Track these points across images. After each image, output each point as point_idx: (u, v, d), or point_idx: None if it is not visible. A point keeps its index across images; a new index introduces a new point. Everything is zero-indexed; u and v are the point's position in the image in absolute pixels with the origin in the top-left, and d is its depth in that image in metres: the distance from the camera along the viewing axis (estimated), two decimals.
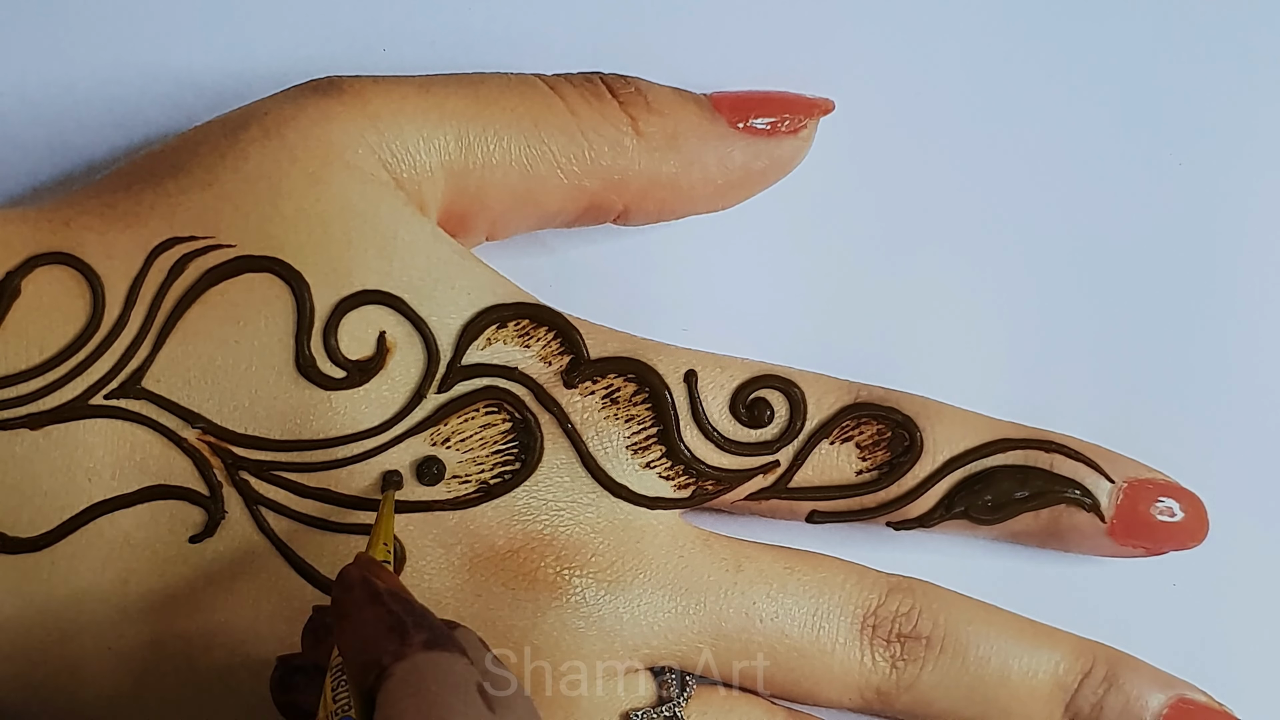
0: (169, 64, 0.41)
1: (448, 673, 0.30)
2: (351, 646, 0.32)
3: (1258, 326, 0.43)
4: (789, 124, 0.40)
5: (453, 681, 0.30)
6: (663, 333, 0.40)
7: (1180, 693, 0.40)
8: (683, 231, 0.41)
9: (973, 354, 0.42)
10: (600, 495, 0.38)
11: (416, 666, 0.30)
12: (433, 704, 0.30)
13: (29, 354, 0.36)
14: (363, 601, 0.32)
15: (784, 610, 0.39)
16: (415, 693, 0.30)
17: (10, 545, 0.36)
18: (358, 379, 0.37)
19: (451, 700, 0.30)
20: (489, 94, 0.39)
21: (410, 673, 0.30)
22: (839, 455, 0.40)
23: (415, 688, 0.30)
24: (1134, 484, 0.40)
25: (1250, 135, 0.43)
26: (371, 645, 0.31)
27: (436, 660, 0.31)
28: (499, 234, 0.40)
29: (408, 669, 0.30)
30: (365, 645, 0.31)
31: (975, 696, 0.39)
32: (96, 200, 0.38)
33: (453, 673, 0.30)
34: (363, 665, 0.31)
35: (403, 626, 0.31)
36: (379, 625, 0.31)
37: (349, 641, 0.32)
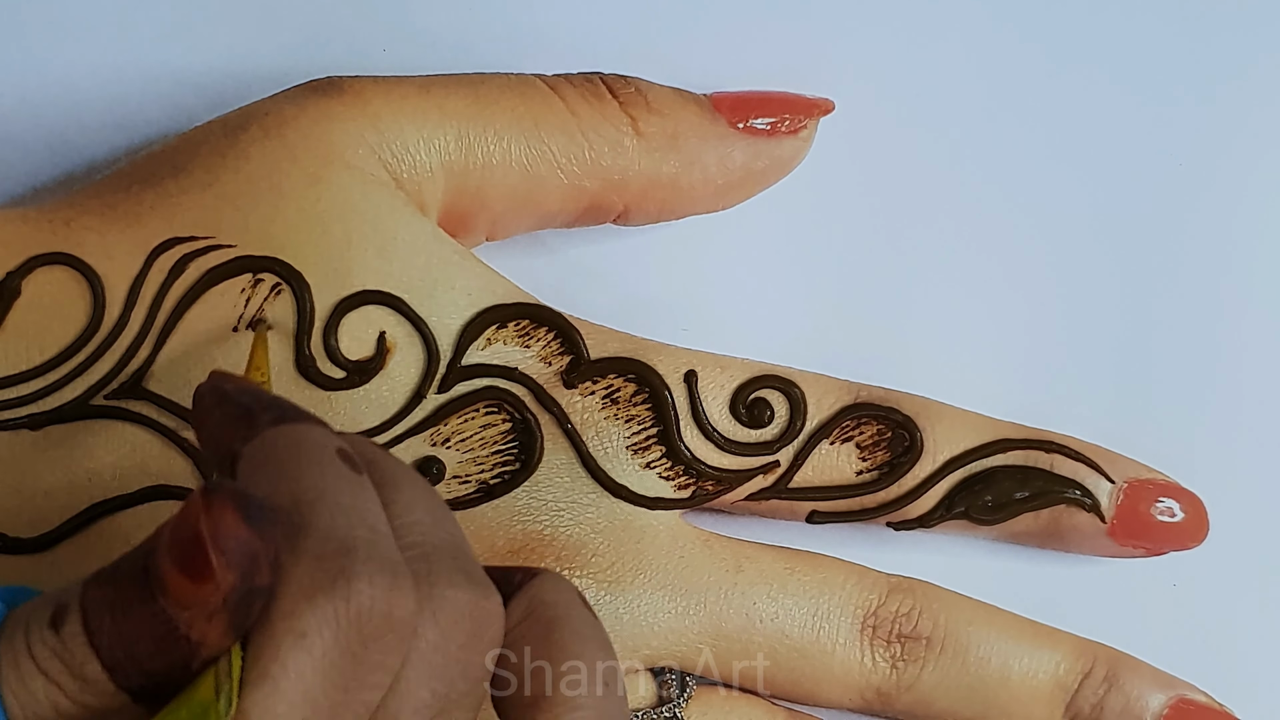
0: (169, 64, 0.41)
1: (299, 440, 0.29)
2: (209, 453, 0.31)
3: (1258, 326, 0.43)
4: (789, 124, 0.40)
5: (306, 447, 0.29)
6: (663, 333, 0.40)
7: (1180, 693, 0.40)
8: (683, 231, 0.41)
9: (973, 354, 0.42)
10: (600, 495, 0.38)
11: (266, 442, 0.29)
12: (284, 470, 0.29)
13: (29, 354, 0.36)
14: (211, 406, 0.31)
15: (784, 610, 0.39)
16: (266, 464, 0.29)
17: (10, 545, 0.36)
18: (358, 379, 0.37)
19: (306, 464, 0.29)
20: (489, 94, 0.39)
21: (260, 448, 0.29)
22: (839, 455, 0.40)
23: (266, 461, 0.29)
24: (1134, 484, 0.40)
25: (1250, 135, 0.43)
26: (223, 440, 0.30)
27: (285, 431, 0.30)
28: (499, 234, 0.40)
29: (256, 447, 0.29)
30: (218, 445, 0.30)
31: (975, 697, 0.39)
32: (97, 200, 0.38)
33: (305, 440, 0.30)
34: (219, 462, 0.30)
35: (250, 413, 0.30)
36: (227, 420, 0.30)
37: (206, 449, 0.31)
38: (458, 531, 0.31)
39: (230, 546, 0.27)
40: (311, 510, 0.28)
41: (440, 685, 0.29)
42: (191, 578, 0.27)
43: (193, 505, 0.27)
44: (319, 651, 0.27)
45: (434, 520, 0.30)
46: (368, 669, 0.28)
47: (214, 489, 0.27)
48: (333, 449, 0.30)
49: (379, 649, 0.28)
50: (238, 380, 0.32)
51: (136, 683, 0.28)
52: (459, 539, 0.31)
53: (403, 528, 0.30)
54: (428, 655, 0.29)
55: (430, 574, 0.29)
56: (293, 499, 0.28)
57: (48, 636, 0.28)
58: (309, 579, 0.27)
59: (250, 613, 0.27)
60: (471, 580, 0.30)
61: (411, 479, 0.31)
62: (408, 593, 0.28)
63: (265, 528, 0.27)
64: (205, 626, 0.27)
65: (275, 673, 0.27)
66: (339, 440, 0.30)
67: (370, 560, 0.28)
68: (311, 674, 0.27)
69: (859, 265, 0.42)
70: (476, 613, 0.30)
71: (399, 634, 0.28)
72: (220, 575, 0.27)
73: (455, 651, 0.29)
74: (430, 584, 0.29)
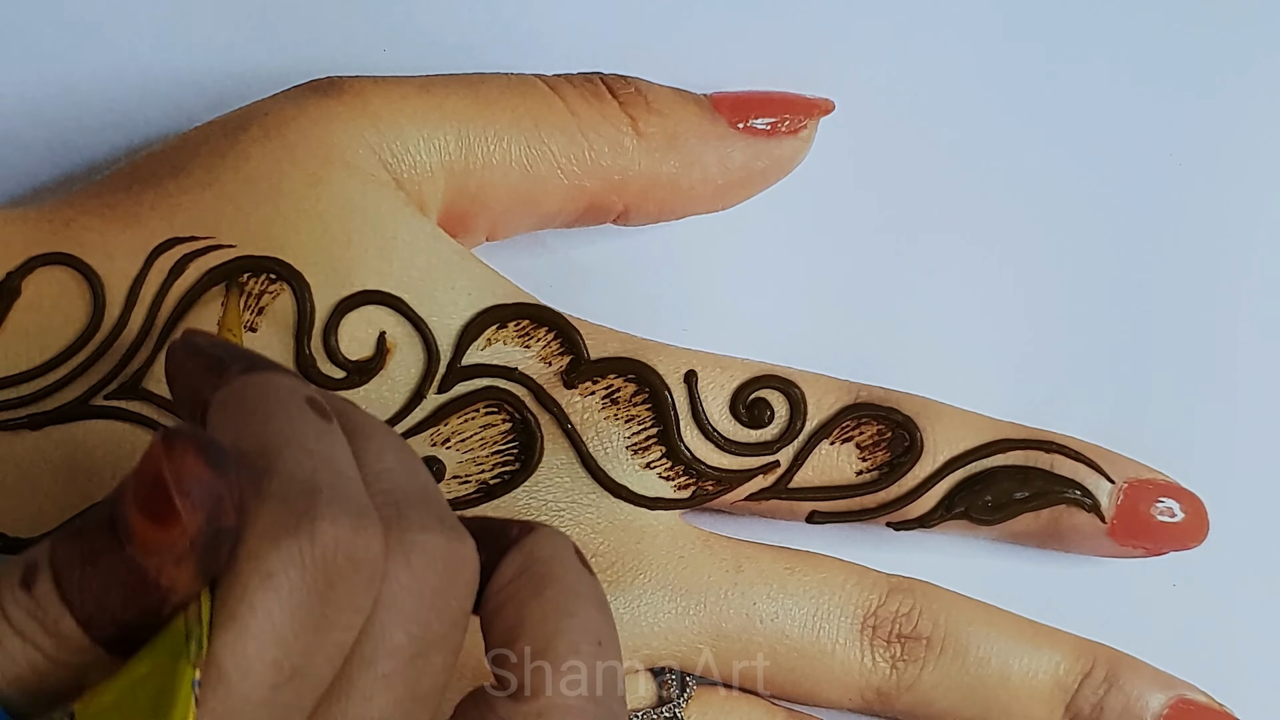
0: (169, 64, 0.41)
1: (269, 388, 0.30)
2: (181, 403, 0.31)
3: (1258, 326, 0.43)
4: (789, 124, 0.40)
5: (275, 395, 0.29)
6: (663, 333, 0.40)
7: (1180, 693, 0.40)
8: (683, 231, 0.41)
9: (973, 354, 0.42)
10: (600, 496, 0.38)
11: (234, 390, 0.30)
12: (252, 417, 0.29)
13: (29, 354, 0.36)
14: (184, 359, 0.31)
15: (784, 611, 0.39)
16: (234, 411, 0.29)
17: (10, 545, 0.36)
18: (358, 379, 0.37)
19: (274, 410, 0.29)
20: (489, 94, 0.39)
21: (229, 396, 0.29)
22: (839, 455, 0.40)
23: (234, 408, 0.29)
24: (1134, 484, 0.40)
25: (1250, 135, 0.43)
26: (194, 390, 0.30)
27: (256, 379, 0.30)
28: (499, 234, 0.40)
29: (225, 395, 0.29)
30: (189, 395, 0.30)
31: (975, 697, 0.39)
32: (96, 200, 0.38)
33: (275, 387, 0.30)
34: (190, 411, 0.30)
35: (220, 362, 0.30)
36: (198, 371, 0.31)
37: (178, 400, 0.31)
38: (429, 481, 0.31)
39: (194, 489, 0.27)
40: (278, 455, 0.28)
41: (416, 628, 0.29)
42: (157, 522, 0.27)
43: (154, 450, 0.27)
44: (286, 591, 0.27)
45: (405, 468, 0.30)
46: (337, 610, 0.28)
47: (174, 432, 0.27)
48: (302, 396, 0.30)
49: (346, 589, 0.28)
50: (209, 335, 0.32)
51: (110, 634, 0.28)
52: (430, 487, 0.31)
53: (373, 475, 0.30)
54: (400, 598, 0.29)
55: (401, 519, 0.29)
56: (260, 444, 0.29)
57: (20, 596, 0.28)
58: (274, 521, 0.28)
59: (218, 556, 0.27)
60: (444, 525, 0.30)
61: (381, 429, 0.31)
62: (374, 534, 0.28)
63: (228, 469, 0.27)
64: (174, 571, 0.27)
65: (243, 613, 0.27)
66: (309, 389, 0.30)
67: (334, 502, 0.28)
68: (280, 614, 0.27)
69: (859, 265, 0.42)
70: (450, 556, 0.30)
71: (366, 575, 0.28)
72: (186, 518, 0.27)
73: (429, 595, 0.29)
74: (402, 528, 0.29)
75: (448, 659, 0.30)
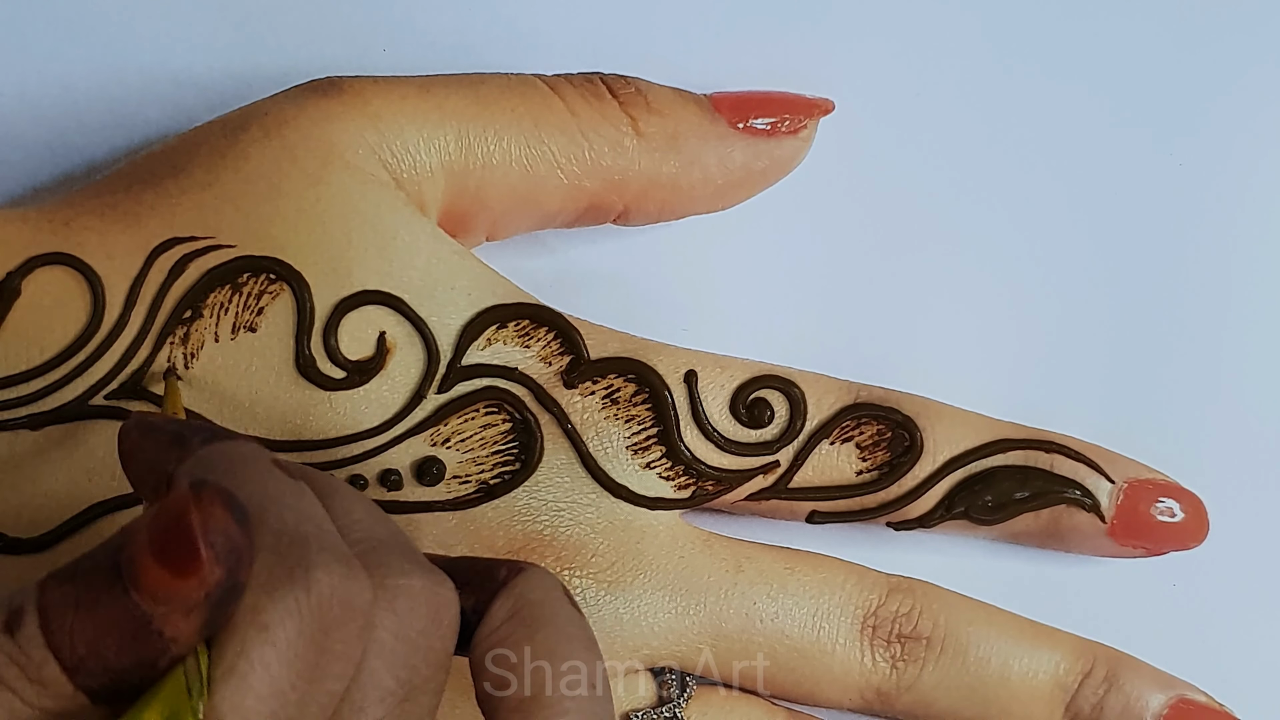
0: (169, 64, 0.41)
1: (233, 454, 0.29)
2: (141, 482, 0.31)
3: (1258, 326, 0.43)
4: (789, 124, 0.40)
5: (244, 460, 0.29)
6: (663, 333, 0.40)
7: (1180, 693, 0.40)
8: (683, 231, 0.41)
9: (973, 354, 0.42)
10: (600, 496, 0.38)
11: (200, 460, 0.29)
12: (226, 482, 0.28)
13: (29, 354, 0.36)
14: (139, 438, 0.31)
15: (784, 610, 0.39)
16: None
17: (10, 545, 0.36)
18: (358, 379, 0.37)
19: (246, 473, 0.29)
20: (489, 94, 0.39)
21: (194, 467, 0.29)
22: (839, 455, 0.40)
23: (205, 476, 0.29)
24: (1134, 484, 0.40)
25: (1250, 135, 0.43)
26: (155, 467, 0.30)
27: (218, 448, 0.30)
28: (499, 234, 0.40)
29: (190, 466, 0.29)
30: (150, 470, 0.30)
31: (975, 697, 0.39)
32: (96, 200, 0.38)
33: (242, 453, 0.29)
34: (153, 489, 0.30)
35: (180, 436, 0.30)
36: (158, 448, 0.30)
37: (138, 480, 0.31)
38: (397, 529, 0.31)
39: (219, 541, 0.27)
40: (261, 511, 0.28)
41: (403, 672, 0.29)
42: (176, 571, 0.26)
43: (180, 499, 0.27)
44: (283, 643, 0.27)
45: (373, 519, 0.31)
46: (331, 658, 0.28)
47: (202, 484, 0.27)
48: (268, 459, 0.30)
49: (340, 637, 0.28)
50: (160, 414, 0.32)
51: (99, 682, 0.27)
52: (400, 535, 0.31)
53: (345, 527, 0.30)
54: (388, 643, 0.29)
55: (381, 565, 0.29)
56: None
57: (2, 641, 0.27)
58: (267, 573, 0.28)
59: (226, 610, 0.27)
60: (422, 569, 0.30)
61: (341, 487, 0.31)
62: (363, 581, 0.28)
63: (248, 525, 0.27)
64: (180, 622, 0.27)
65: (242, 667, 0.27)
66: (270, 454, 0.30)
67: (324, 551, 0.28)
68: (277, 666, 0.27)
69: (859, 265, 0.42)
70: (432, 599, 0.30)
71: (358, 622, 0.28)
72: (208, 569, 0.26)
73: (415, 638, 0.29)
74: (383, 574, 0.29)
75: (433, 700, 0.30)
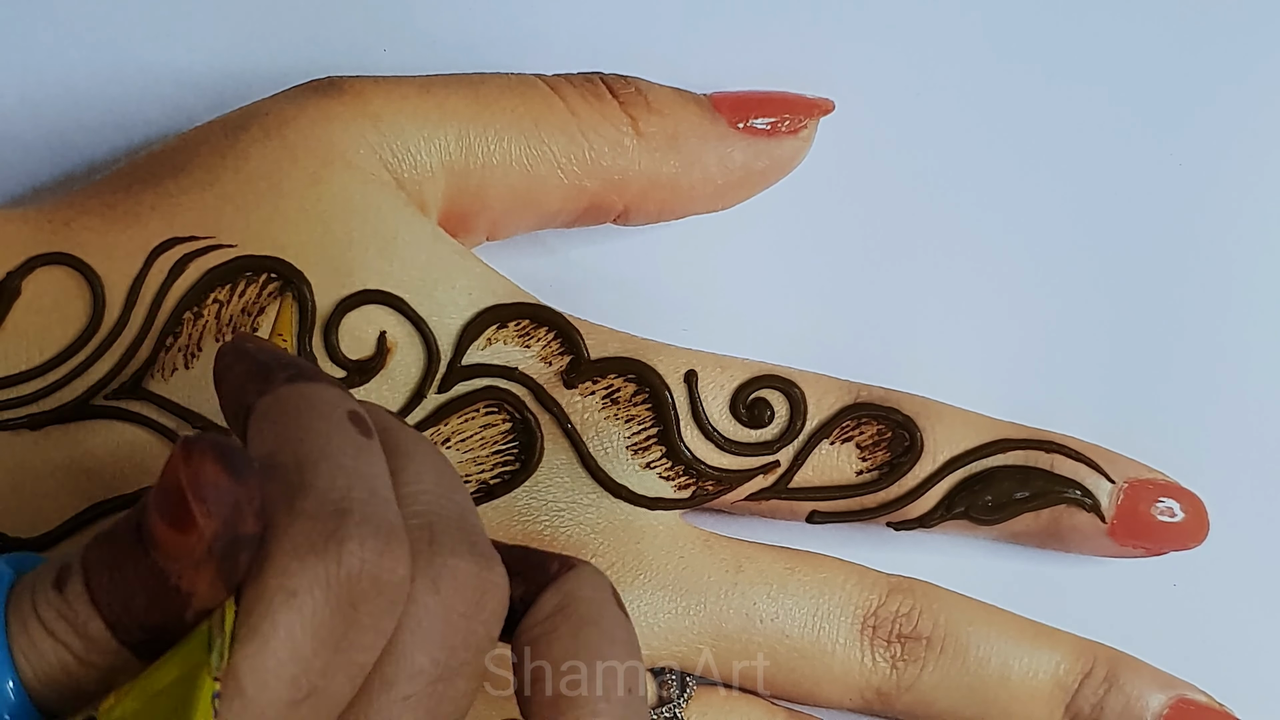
0: (169, 64, 0.41)
1: (312, 399, 0.30)
2: (225, 406, 0.31)
3: (1258, 326, 0.43)
4: (789, 124, 0.40)
5: (317, 408, 0.29)
6: (663, 333, 0.40)
7: (1180, 693, 0.40)
8: (683, 231, 0.41)
9: (973, 354, 0.42)
10: (600, 496, 0.38)
11: (278, 398, 0.30)
12: (292, 428, 0.29)
13: (29, 354, 0.36)
14: (232, 362, 0.31)
15: (784, 611, 0.39)
16: (275, 421, 0.29)
17: (10, 545, 0.36)
18: (358, 379, 0.37)
19: (314, 423, 0.29)
20: (489, 94, 0.39)
21: (272, 404, 0.30)
22: (839, 455, 0.40)
23: (276, 417, 0.29)
24: (1134, 484, 0.40)
25: (1250, 135, 0.43)
26: (239, 394, 0.31)
27: (300, 389, 0.30)
28: (499, 234, 0.40)
29: (269, 401, 0.30)
30: (234, 399, 0.31)
31: (975, 697, 0.39)
32: (96, 200, 0.38)
33: (318, 399, 0.30)
34: (233, 415, 0.30)
35: (267, 369, 0.31)
36: (245, 375, 0.31)
37: (224, 402, 0.31)
38: (467, 503, 0.31)
39: (210, 494, 0.27)
40: (314, 469, 0.28)
41: (440, 653, 0.29)
42: (175, 527, 0.27)
43: (173, 456, 0.27)
44: (309, 610, 0.27)
45: (442, 490, 0.30)
46: (359, 631, 0.28)
47: (193, 440, 0.27)
48: (344, 410, 0.30)
49: (370, 611, 0.28)
50: (260, 340, 0.32)
51: (137, 637, 0.28)
52: (467, 510, 0.31)
53: (408, 496, 0.30)
54: (426, 622, 0.29)
55: (432, 542, 0.29)
56: (296, 457, 0.29)
57: (52, 597, 0.28)
58: (302, 538, 0.28)
59: (238, 562, 0.27)
60: (475, 550, 0.30)
61: (424, 449, 0.31)
62: (400, 557, 0.28)
63: (248, 476, 0.27)
64: (194, 576, 0.27)
65: (265, 630, 0.27)
66: (352, 403, 0.30)
67: (364, 524, 0.28)
68: (301, 632, 0.27)
69: (859, 265, 0.42)
70: (478, 583, 0.30)
71: (390, 598, 0.28)
72: (202, 523, 0.27)
73: (456, 620, 0.29)
74: (432, 552, 0.29)
75: (471, 685, 0.30)
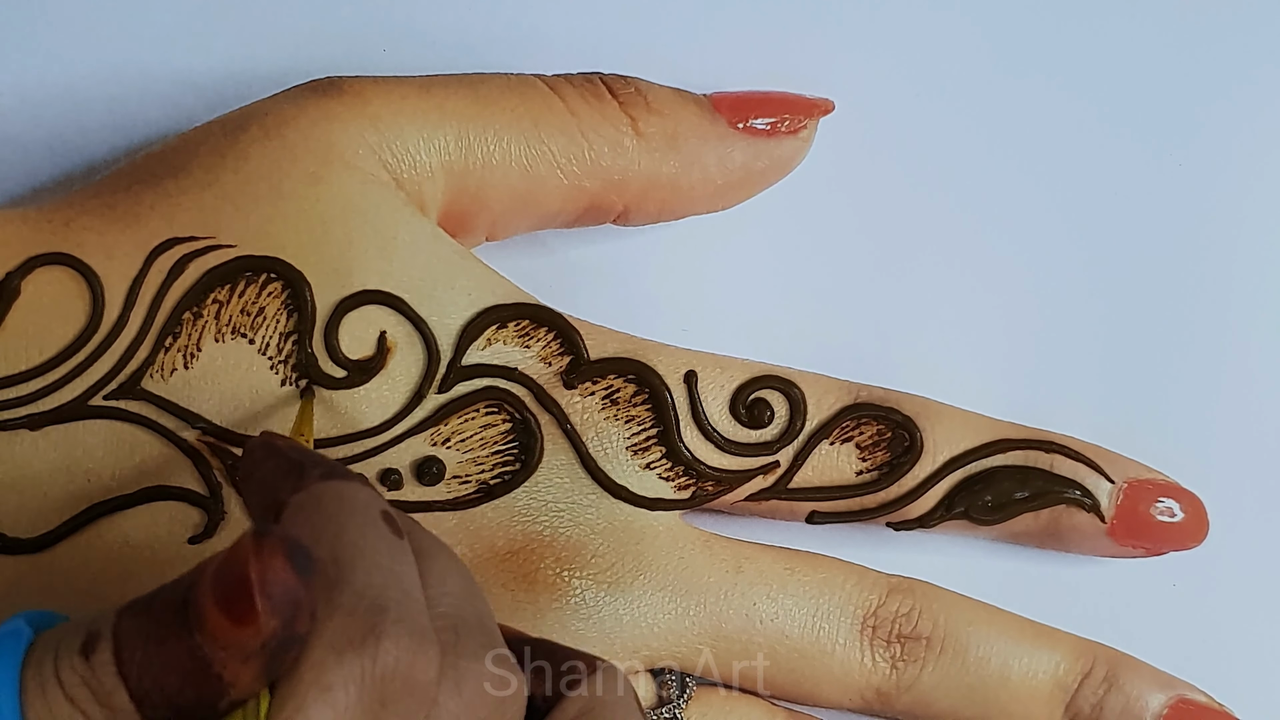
0: (169, 64, 0.41)
1: (346, 498, 0.30)
2: (255, 502, 0.31)
3: (1257, 327, 0.43)
4: (789, 124, 0.40)
5: (352, 505, 0.29)
6: (663, 333, 0.40)
7: (1180, 693, 0.40)
8: (683, 231, 0.41)
9: (973, 354, 0.42)
10: (600, 496, 0.38)
11: (313, 495, 0.29)
12: (328, 525, 0.29)
13: (29, 354, 0.36)
14: (262, 458, 0.31)
15: (784, 611, 0.39)
16: (311, 517, 0.29)
17: (10, 545, 0.36)
18: (358, 379, 0.37)
19: (349, 522, 0.29)
20: (489, 94, 0.39)
21: (306, 501, 0.29)
22: (839, 456, 0.40)
23: (311, 513, 0.29)
24: (1134, 484, 0.40)
25: (1250, 135, 0.43)
26: (271, 490, 0.30)
27: (335, 487, 0.30)
28: (499, 234, 0.40)
29: (303, 499, 0.29)
30: (265, 492, 0.30)
31: (975, 697, 0.39)
32: (96, 200, 0.38)
33: (353, 498, 0.30)
34: (264, 511, 0.30)
35: (299, 466, 0.30)
36: (277, 472, 0.31)
37: (252, 498, 0.31)
38: (486, 609, 0.31)
39: (276, 593, 0.27)
40: (350, 566, 0.28)
41: None
42: (233, 619, 0.27)
43: (243, 546, 0.27)
44: (342, 706, 0.27)
45: (465, 594, 0.30)
46: None
47: (266, 533, 0.27)
48: (377, 510, 0.30)
49: (398, 711, 0.28)
50: (287, 438, 0.32)
51: (162, 715, 0.28)
52: (486, 615, 0.31)
53: (435, 598, 0.30)
54: None
55: (457, 644, 0.29)
56: (334, 553, 0.29)
57: (77, 663, 0.28)
58: (340, 634, 0.28)
59: (285, 660, 0.27)
60: (496, 655, 0.30)
61: (445, 552, 0.31)
62: (432, 658, 0.28)
63: (311, 577, 0.27)
64: (239, 668, 0.27)
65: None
66: (384, 504, 0.30)
67: (400, 622, 0.28)
68: None
69: (859, 265, 0.42)
70: (499, 687, 0.30)
71: (419, 698, 0.28)
72: (263, 620, 0.27)
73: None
74: (456, 654, 0.29)
75: None
